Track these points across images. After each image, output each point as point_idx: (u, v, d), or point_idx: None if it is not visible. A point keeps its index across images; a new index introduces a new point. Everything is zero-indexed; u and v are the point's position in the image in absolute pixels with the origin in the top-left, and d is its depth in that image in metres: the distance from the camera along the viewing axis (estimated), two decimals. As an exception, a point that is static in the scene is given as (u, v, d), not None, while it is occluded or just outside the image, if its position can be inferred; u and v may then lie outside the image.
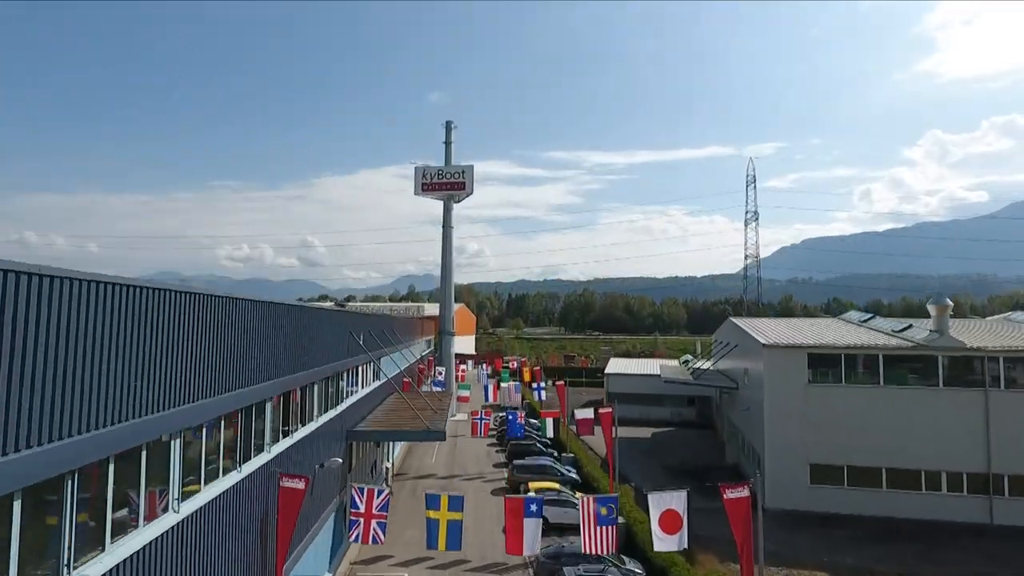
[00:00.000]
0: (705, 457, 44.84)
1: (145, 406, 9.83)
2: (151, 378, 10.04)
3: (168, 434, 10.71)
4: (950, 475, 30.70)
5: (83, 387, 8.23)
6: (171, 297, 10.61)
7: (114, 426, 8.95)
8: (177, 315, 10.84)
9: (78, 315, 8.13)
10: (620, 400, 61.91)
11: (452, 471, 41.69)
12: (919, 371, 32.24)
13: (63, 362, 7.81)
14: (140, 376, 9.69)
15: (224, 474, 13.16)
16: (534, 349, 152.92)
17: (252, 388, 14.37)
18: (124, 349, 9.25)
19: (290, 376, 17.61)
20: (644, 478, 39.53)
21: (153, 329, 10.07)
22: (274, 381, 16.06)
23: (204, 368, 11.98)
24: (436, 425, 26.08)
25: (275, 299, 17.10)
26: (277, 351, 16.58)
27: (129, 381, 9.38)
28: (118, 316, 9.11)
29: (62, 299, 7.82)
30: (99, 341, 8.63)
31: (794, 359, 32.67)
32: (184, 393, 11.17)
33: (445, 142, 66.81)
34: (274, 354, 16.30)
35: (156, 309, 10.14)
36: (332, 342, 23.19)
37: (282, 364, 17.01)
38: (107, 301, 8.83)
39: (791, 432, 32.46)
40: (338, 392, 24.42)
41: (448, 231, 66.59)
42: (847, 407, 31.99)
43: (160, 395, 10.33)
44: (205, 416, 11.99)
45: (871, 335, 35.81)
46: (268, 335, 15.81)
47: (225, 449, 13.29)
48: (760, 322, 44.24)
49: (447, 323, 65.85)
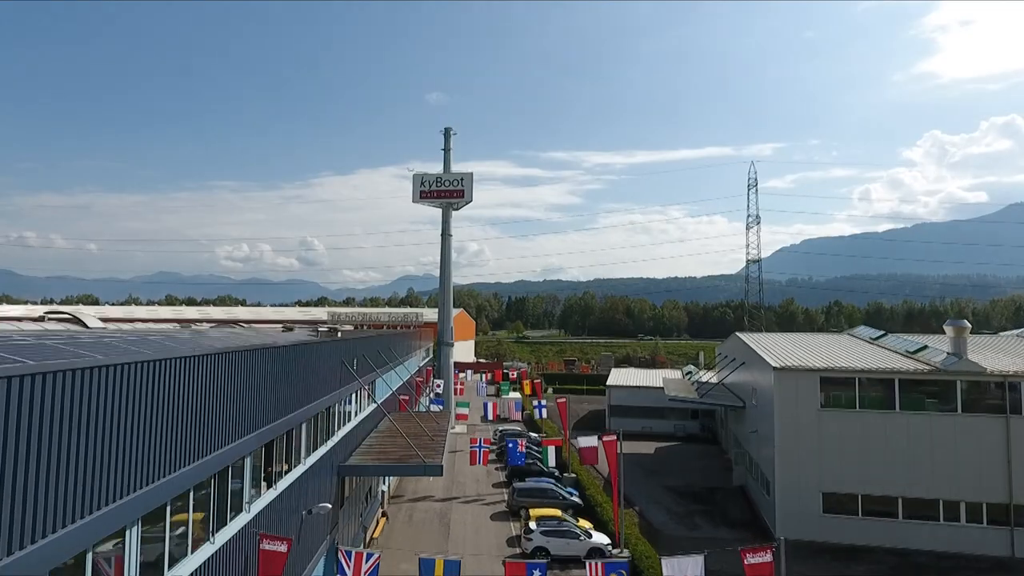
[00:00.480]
0: (711, 477, 43.54)
1: (94, 500, 8.53)
2: (99, 468, 8.73)
3: (125, 525, 9.41)
4: (969, 505, 29.43)
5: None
6: (114, 373, 9.23)
7: (51, 536, 7.64)
8: (122, 389, 9.49)
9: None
10: (622, 413, 60.68)
11: (450, 492, 40.39)
12: (936, 395, 30.96)
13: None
14: (86, 467, 8.39)
15: (194, 550, 11.85)
16: (534, 353, 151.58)
17: (225, 450, 13.07)
18: (64, 440, 7.94)
19: (273, 425, 16.31)
20: (648, 501, 38.25)
21: (95, 411, 8.75)
22: (253, 435, 14.77)
23: (165, 442, 10.66)
24: (433, 458, 24.77)
25: (257, 343, 15.81)
26: (258, 400, 15.28)
27: (75, 476, 8.07)
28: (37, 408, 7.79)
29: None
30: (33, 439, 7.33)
31: (806, 383, 31.38)
32: (142, 475, 9.85)
33: (444, 149, 65.50)
34: (254, 404, 15.00)
35: (95, 389, 8.79)
36: (323, 375, 21.90)
37: (264, 412, 15.72)
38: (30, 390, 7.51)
39: (803, 459, 31.18)
40: (329, 426, 23.12)
41: (447, 239, 65.26)
42: (861, 433, 30.71)
43: (113, 484, 9.02)
44: (168, 494, 10.68)
45: (884, 356, 34.53)
46: (246, 385, 14.51)
47: (195, 522, 11.98)
48: (767, 339, 42.93)
49: (446, 334, 64.55)
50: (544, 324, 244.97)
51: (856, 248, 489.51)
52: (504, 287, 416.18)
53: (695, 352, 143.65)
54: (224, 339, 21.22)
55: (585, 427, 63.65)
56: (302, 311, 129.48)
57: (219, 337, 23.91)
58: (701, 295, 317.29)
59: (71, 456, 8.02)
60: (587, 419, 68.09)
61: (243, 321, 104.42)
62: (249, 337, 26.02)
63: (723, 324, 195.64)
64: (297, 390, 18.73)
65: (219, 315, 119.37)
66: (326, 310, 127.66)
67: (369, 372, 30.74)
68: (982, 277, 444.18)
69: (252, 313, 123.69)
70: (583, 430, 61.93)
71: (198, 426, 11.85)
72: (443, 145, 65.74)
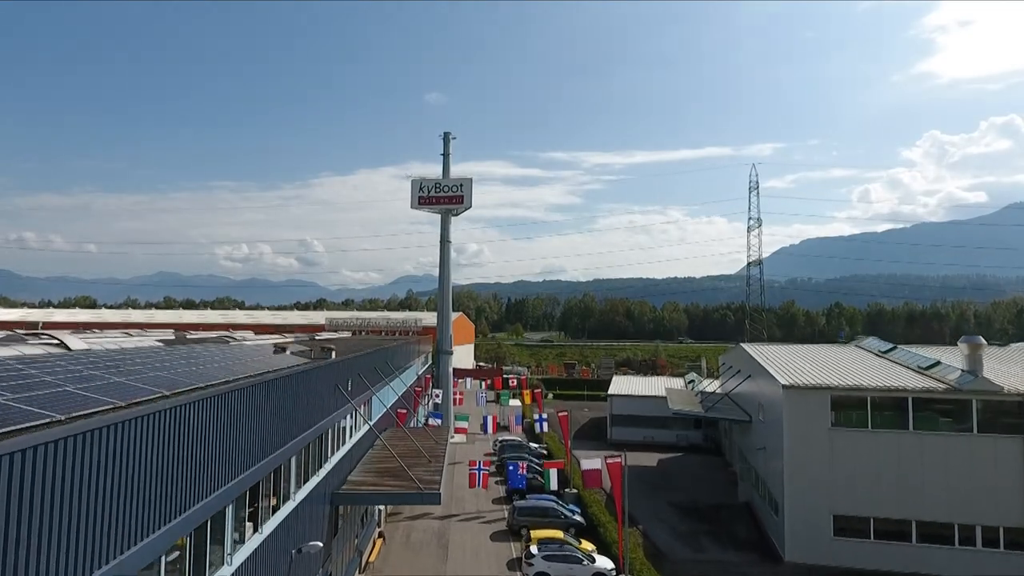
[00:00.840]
0: (716, 492, 42.53)
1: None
2: (53, 549, 7.71)
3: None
4: (986, 529, 28.42)
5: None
6: (72, 445, 8.16)
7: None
8: (82, 460, 8.45)
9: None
10: (624, 423, 59.75)
11: (449, 508, 39.32)
12: (950, 414, 29.97)
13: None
14: (46, 539, 7.36)
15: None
16: (534, 356, 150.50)
17: (203, 504, 12.04)
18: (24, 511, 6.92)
19: (260, 465, 15.29)
20: (652, 519, 37.23)
21: (49, 490, 7.72)
22: (235, 481, 13.74)
23: (133, 509, 9.63)
24: (431, 486, 23.75)
25: (242, 372, 14.79)
26: (243, 442, 14.26)
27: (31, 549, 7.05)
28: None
29: None
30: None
31: (816, 401, 30.38)
32: (103, 552, 8.82)
33: (443, 154, 64.45)
34: (238, 447, 13.98)
35: (48, 467, 7.74)
36: (315, 402, 20.87)
37: (250, 454, 14.69)
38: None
39: (813, 480, 30.18)
40: (322, 453, 22.11)
41: (446, 246, 64.22)
42: (873, 454, 29.71)
43: (65, 567, 8.00)
44: (135, 567, 9.65)
45: (896, 372, 33.53)
46: (229, 430, 13.48)
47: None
48: (773, 351, 41.91)
49: (445, 342, 63.52)
50: (544, 326, 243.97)
51: (855, 248, 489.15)
52: (504, 287, 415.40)
53: (696, 356, 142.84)
54: (212, 361, 20.22)
55: (586, 436, 62.72)
56: (300, 315, 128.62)
57: (208, 357, 22.93)
58: (701, 296, 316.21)
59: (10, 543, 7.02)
60: (588, 428, 67.15)
61: (240, 326, 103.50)
62: (240, 356, 25.02)
63: (724, 326, 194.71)
64: (287, 423, 17.71)
65: (216, 319, 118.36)
66: (324, 314, 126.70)
67: (365, 390, 29.72)
68: (981, 277, 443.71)
69: (250, 317, 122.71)
70: (584, 440, 61.13)
71: (173, 484, 10.83)
72: (442, 150, 64.71)
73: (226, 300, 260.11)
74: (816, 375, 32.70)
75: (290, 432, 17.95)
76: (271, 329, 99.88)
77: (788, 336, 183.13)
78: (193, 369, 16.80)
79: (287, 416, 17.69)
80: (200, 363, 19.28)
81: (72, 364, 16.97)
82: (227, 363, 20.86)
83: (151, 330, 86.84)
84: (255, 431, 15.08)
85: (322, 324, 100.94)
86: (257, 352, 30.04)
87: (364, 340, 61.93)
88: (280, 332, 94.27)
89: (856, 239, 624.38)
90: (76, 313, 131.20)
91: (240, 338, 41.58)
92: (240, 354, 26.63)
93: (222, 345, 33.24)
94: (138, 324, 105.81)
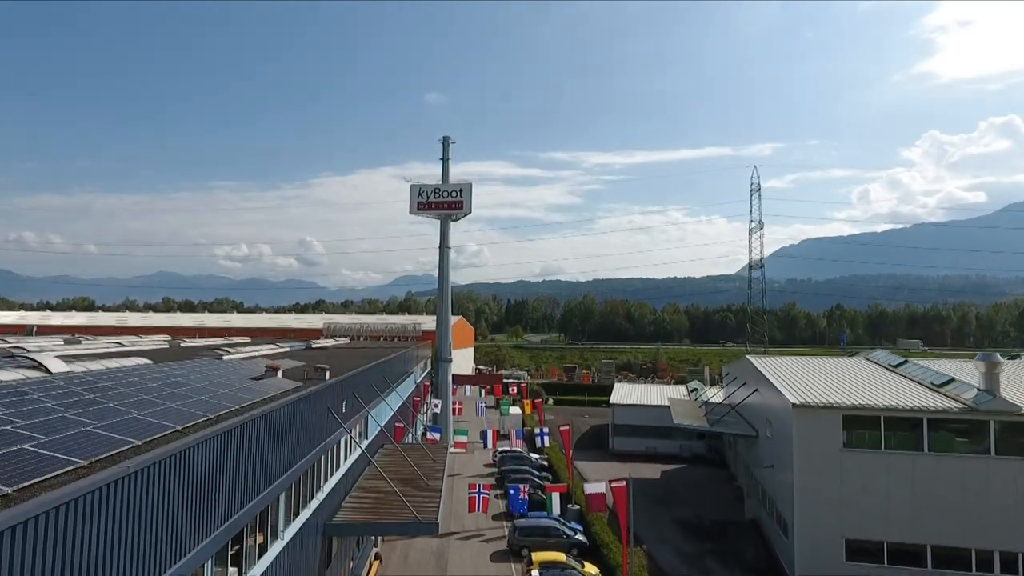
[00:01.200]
0: (721, 508, 41.50)
1: None
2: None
3: None
4: (1004, 555, 27.40)
5: None
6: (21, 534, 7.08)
7: None
8: (37, 545, 7.41)
9: None
10: (626, 432, 58.74)
11: (448, 525, 38.26)
12: (966, 434, 28.96)
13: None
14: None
15: None
16: (533, 359, 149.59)
17: (179, 566, 11.01)
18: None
19: (245, 509, 14.26)
20: (657, 539, 36.21)
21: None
22: (216, 534, 12.70)
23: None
24: (428, 516, 22.72)
25: (227, 415, 13.77)
26: (226, 488, 13.22)
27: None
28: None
29: None
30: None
31: (827, 421, 29.36)
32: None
33: (442, 159, 63.43)
34: (222, 494, 12.94)
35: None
36: (308, 431, 19.84)
37: (234, 500, 13.66)
38: None
39: (824, 502, 29.17)
40: (314, 484, 21.08)
41: (445, 252, 63.22)
42: (887, 475, 28.69)
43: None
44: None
45: (909, 388, 32.52)
46: (212, 477, 12.45)
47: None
48: (780, 365, 40.88)
49: (444, 350, 62.49)
50: (544, 327, 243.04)
51: (855, 249, 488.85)
52: (503, 287, 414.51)
53: (697, 359, 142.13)
54: (197, 391, 19.20)
55: (587, 446, 61.71)
56: (298, 318, 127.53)
57: (194, 383, 21.92)
58: (701, 296, 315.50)
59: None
60: (589, 436, 66.15)
61: (237, 330, 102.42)
62: (228, 377, 23.98)
63: (725, 329, 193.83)
64: (276, 460, 16.68)
65: (213, 322, 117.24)
66: (322, 318, 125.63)
67: (361, 410, 28.70)
68: (980, 277, 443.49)
69: (247, 321, 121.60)
70: (585, 450, 60.13)
71: (139, 554, 9.80)
72: (442, 154, 63.69)
73: (225, 301, 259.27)
74: (826, 392, 31.68)
75: (279, 468, 16.93)
76: (268, 333, 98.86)
77: (789, 339, 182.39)
78: (174, 407, 15.76)
79: (276, 453, 16.66)
80: (184, 395, 18.24)
81: (46, 398, 15.95)
82: (214, 389, 19.83)
83: (146, 335, 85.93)
84: (240, 476, 14.06)
85: (320, 328, 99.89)
86: (248, 370, 29.00)
87: (362, 349, 60.88)
88: (277, 336, 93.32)
89: (855, 239, 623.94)
90: (72, 316, 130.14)
91: (233, 350, 40.47)
92: (229, 375, 25.59)
93: (213, 361, 32.17)
94: (133, 329, 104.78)
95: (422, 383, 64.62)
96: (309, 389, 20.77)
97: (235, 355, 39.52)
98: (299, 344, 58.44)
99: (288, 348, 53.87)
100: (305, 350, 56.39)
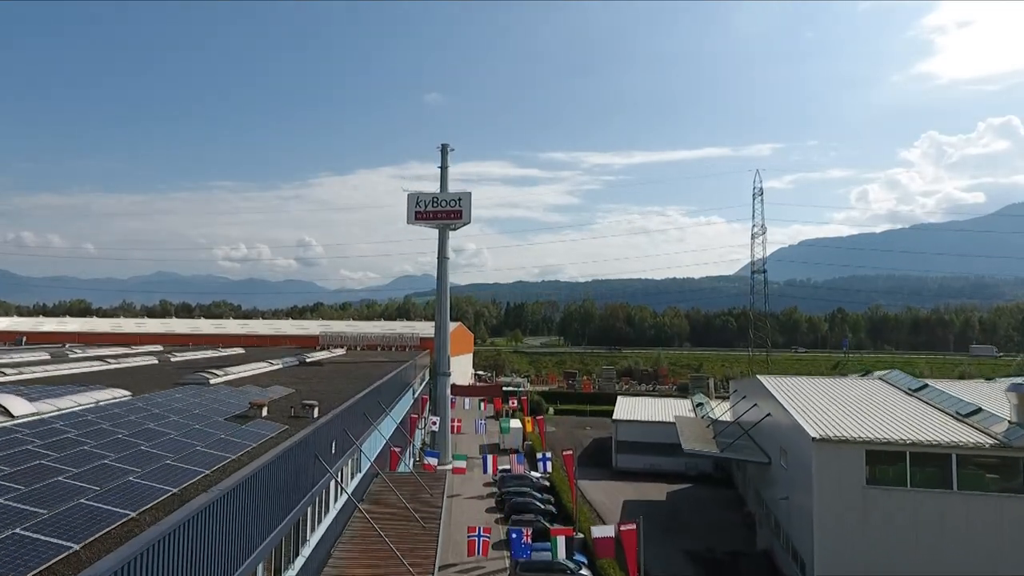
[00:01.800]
0: (732, 537, 39.69)
1: None
2: None
3: None
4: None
5: None
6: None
7: None
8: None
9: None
10: (629, 449, 56.96)
11: (445, 557, 36.51)
12: (996, 470, 27.27)
13: None
14: None
15: None
16: (533, 364, 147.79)
17: None
18: None
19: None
20: (665, 573, 34.45)
21: None
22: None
23: None
24: (424, 570, 20.94)
25: (194, 489, 11.99)
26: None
27: None
28: None
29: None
30: None
31: (849, 457, 27.64)
32: None
33: (440, 167, 61.71)
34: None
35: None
36: (289, 487, 18.06)
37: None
38: None
39: (846, 541, 27.46)
40: (298, 541, 19.28)
41: (444, 263, 61.50)
42: (913, 514, 26.99)
43: None
44: None
45: (933, 418, 30.79)
46: (173, 569, 10.69)
47: None
48: (792, 386, 39.15)
49: (442, 363, 60.77)
50: (543, 330, 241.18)
51: (854, 249, 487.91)
52: (502, 288, 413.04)
53: (699, 364, 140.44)
54: (168, 448, 17.44)
55: (590, 462, 59.87)
56: (294, 325, 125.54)
57: (171, 427, 20.17)
58: (701, 297, 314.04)
59: None
60: (591, 451, 64.38)
61: (232, 337, 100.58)
62: (206, 423, 22.24)
63: (726, 332, 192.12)
64: (254, 530, 14.91)
65: (208, 329, 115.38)
66: (319, 324, 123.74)
67: (352, 446, 26.93)
68: (980, 278, 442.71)
69: (243, 327, 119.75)
70: (588, 467, 58.25)
71: None
72: (440, 162, 61.99)
73: (222, 304, 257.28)
74: (846, 423, 29.96)
75: (257, 538, 15.17)
76: (264, 342, 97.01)
77: (790, 342, 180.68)
78: (134, 479, 13.99)
79: (254, 523, 14.90)
80: (151, 454, 16.48)
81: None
82: (187, 443, 18.05)
83: (139, 344, 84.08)
84: (209, 562, 12.30)
85: (316, 336, 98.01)
86: (233, 403, 27.26)
87: (358, 365, 59.15)
88: (272, 345, 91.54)
89: (854, 240, 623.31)
90: (66, 322, 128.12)
91: (222, 372, 38.74)
92: (212, 413, 23.83)
93: (198, 391, 30.37)
94: (127, 337, 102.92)
95: (420, 396, 62.89)
96: (293, 439, 18.97)
97: (223, 378, 37.80)
98: (292, 360, 56.71)
99: (281, 365, 52.17)
100: (299, 366, 54.68)
